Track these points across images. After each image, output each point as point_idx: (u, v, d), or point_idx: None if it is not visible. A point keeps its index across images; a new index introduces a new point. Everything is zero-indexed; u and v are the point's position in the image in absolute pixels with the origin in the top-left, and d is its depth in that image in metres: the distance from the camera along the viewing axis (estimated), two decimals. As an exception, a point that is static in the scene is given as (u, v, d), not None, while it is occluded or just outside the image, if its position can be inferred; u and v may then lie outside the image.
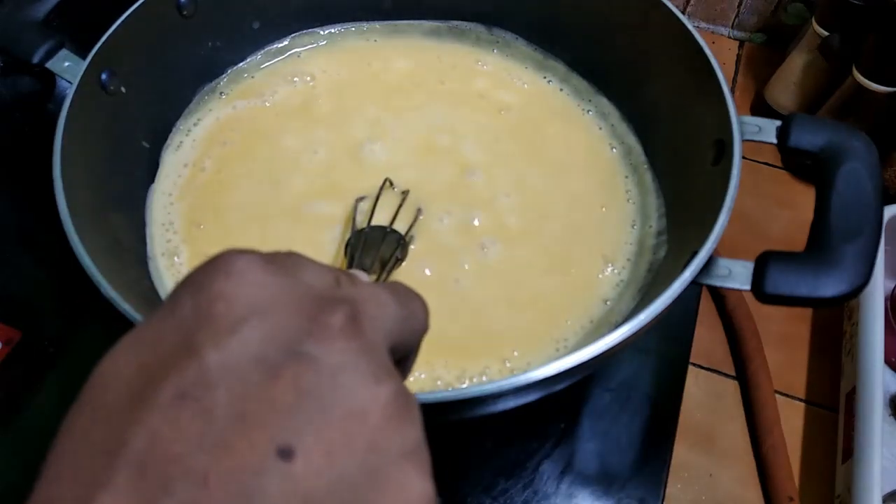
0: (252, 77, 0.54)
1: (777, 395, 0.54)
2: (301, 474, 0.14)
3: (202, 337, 0.15)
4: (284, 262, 0.18)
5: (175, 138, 0.50)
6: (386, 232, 0.43)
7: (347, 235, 0.44)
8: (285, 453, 0.14)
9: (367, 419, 0.15)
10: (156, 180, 0.48)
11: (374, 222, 0.44)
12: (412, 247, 0.44)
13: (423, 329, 0.21)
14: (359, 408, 0.15)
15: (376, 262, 0.42)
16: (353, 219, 0.45)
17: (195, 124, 0.51)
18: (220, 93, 0.53)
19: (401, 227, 0.44)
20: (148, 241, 0.45)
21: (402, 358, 0.20)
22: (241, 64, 0.54)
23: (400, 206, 0.45)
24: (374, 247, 0.43)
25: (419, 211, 0.46)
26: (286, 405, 0.14)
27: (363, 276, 0.23)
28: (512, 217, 0.46)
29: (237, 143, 0.50)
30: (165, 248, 0.45)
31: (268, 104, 0.52)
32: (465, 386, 0.40)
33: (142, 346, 0.16)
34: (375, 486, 0.15)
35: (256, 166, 0.49)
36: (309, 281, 0.18)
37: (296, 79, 0.54)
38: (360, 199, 0.46)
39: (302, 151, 0.49)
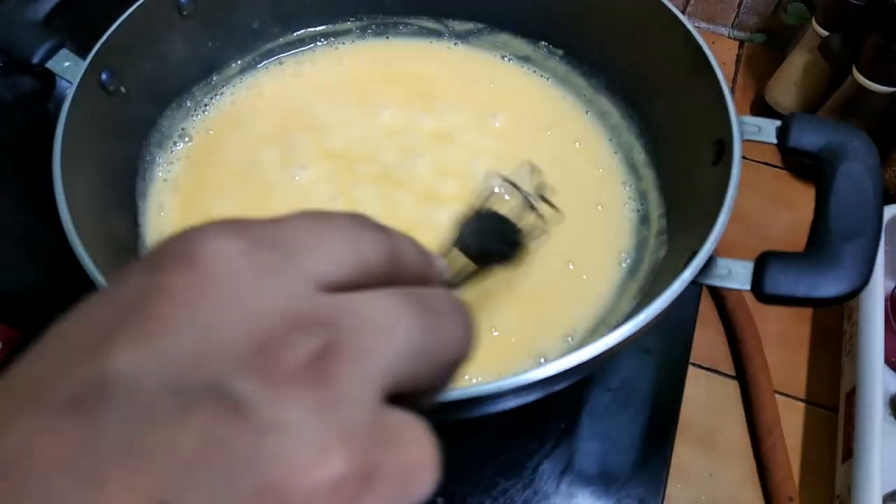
0: (253, 76, 0.54)
1: (777, 395, 0.54)
2: None
3: (120, 334, 0.12)
4: (283, 244, 0.14)
5: (176, 137, 0.50)
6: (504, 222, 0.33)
7: None
8: None
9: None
10: (156, 180, 0.48)
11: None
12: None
13: (457, 359, 0.16)
14: (276, 485, 0.11)
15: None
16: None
17: (196, 124, 0.51)
18: (221, 92, 0.53)
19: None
20: (148, 240, 0.45)
21: (418, 392, 0.15)
22: (241, 63, 0.54)
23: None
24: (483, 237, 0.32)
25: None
26: (184, 455, 0.11)
27: (441, 264, 0.18)
28: (511, 217, 0.46)
29: (238, 143, 0.50)
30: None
31: (269, 103, 0.52)
32: (465, 386, 0.40)
33: (75, 325, 0.13)
34: None
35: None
36: (313, 270, 0.14)
37: (297, 78, 0.54)
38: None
39: (303, 148, 0.49)
